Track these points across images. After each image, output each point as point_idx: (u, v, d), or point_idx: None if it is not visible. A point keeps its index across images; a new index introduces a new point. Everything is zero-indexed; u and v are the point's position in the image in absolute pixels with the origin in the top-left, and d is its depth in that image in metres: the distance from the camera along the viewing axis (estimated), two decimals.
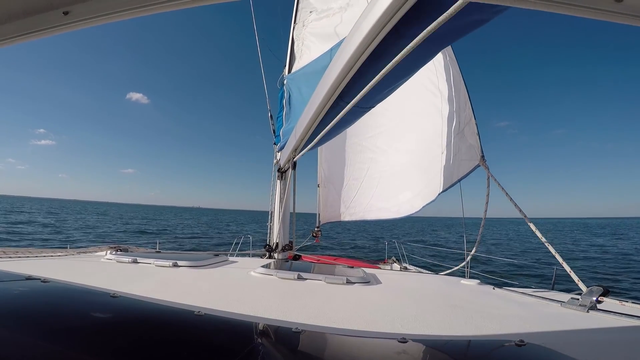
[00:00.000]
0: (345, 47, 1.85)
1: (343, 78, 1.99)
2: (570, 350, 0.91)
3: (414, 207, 5.46)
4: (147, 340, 0.75)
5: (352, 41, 1.74)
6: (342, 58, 1.87)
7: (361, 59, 1.78)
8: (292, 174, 3.74)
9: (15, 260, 2.11)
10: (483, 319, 1.29)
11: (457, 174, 4.53)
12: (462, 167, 4.41)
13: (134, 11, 0.84)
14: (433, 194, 4.99)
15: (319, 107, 2.39)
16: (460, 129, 4.47)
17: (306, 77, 3.70)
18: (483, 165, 3.93)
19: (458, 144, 4.49)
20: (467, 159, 4.31)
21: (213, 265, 2.24)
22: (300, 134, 2.95)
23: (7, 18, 0.85)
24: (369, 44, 1.65)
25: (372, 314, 1.29)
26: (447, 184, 4.73)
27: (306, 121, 2.70)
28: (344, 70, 1.91)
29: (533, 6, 0.85)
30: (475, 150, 4.12)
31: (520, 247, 22.22)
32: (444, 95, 4.76)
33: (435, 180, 4.90)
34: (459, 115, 4.55)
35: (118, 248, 2.79)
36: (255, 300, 1.39)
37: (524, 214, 2.95)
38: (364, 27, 1.60)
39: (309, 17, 4.09)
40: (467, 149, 4.33)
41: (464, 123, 4.45)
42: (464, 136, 4.40)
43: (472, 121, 4.34)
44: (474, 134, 4.24)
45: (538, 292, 1.96)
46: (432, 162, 4.99)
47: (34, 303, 0.95)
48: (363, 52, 1.73)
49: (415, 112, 5.38)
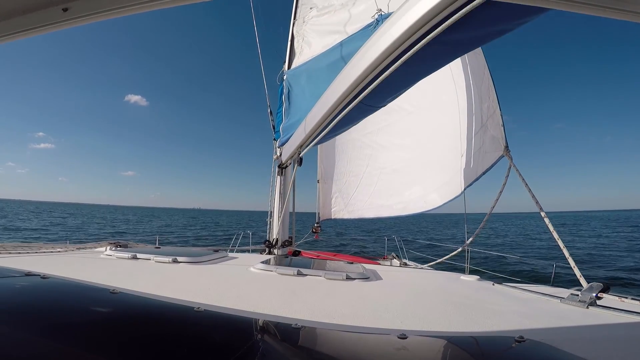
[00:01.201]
0: (370, 48, 1.87)
1: (364, 77, 2.01)
2: (569, 346, 0.91)
3: (429, 204, 5.38)
4: (146, 337, 0.75)
5: (379, 43, 1.78)
6: (367, 58, 1.89)
7: (387, 61, 1.81)
8: (295, 170, 3.74)
9: (14, 256, 2.11)
10: (482, 315, 1.30)
11: (481, 167, 4.46)
12: (486, 160, 4.35)
13: (132, 8, 0.83)
14: (456, 189, 4.91)
15: (334, 105, 2.40)
16: (483, 122, 4.40)
17: (308, 73, 3.69)
18: (507, 155, 3.85)
19: (482, 137, 4.42)
20: (490, 151, 4.24)
21: (213, 261, 2.25)
22: (310, 129, 2.94)
23: (7, 14, 0.84)
24: (398, 47, 1.69)
25: (372, 310, 1.29)
26: (470, 178, 4.65)
27: (317, 118, 2.70)
28: (367, 70, 1.94)
29: (534, 3, 0.84)
30: (500, 141, 4.04)
31: (523, 241, 22.24)
32: (461, 88, 4.68)
33: (457, 176, 4.81)
34: (481, 108, 4.47)
35: (117, 244, 2.79)
36: (255, 296, 1.39)
37: (540, 207, 3.01)
38: (394, 31, 1.64)
39: (309, 13, 4.07)
40: (490, 140, 4.26)
41: (487, 115, 4.37)
42: (487, 129, 4.33)
43: (496, 112, 4.24)
44: (499, 125, 4.15)
45: (538, 288, 1.97)
46: (451, 157, 4.91)
47: (33, 299, 0.95)
48: (390, 54, 1.76)
49: (425, 106, 5.31)
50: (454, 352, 0.85)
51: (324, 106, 2.53)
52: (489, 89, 4.42)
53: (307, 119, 3.01)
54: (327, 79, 3.01)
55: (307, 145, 3.26)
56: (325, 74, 3.27)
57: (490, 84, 4.42)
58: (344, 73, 2.25)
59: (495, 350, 0.85)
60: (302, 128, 3.15)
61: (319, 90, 3.09)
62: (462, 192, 4.81)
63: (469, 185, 4.71)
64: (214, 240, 19.91)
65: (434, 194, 5.32)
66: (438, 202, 5.25)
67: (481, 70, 4.51)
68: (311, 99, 3.33)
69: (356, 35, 3.05)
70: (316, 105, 2.77)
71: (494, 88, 4.38)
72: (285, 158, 4.01)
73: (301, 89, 3.76)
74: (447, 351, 0.86)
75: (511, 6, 1.21)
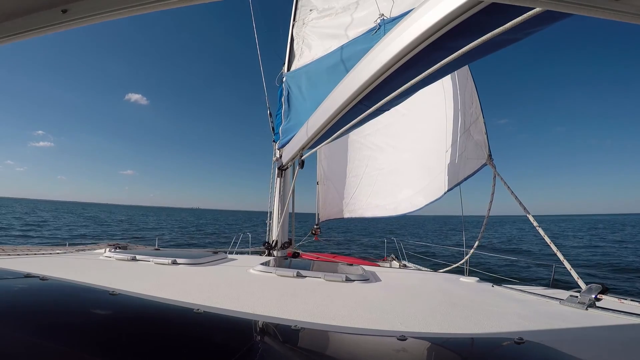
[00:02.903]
0: (379, 54, 1.89)
1: (371, 83, 2.03)
2: (569, 348, 0.91)
3: (414, 205, 5.44)
4: (146, 338, 0.75)
5: (388, 49, 1.79)
6: (375, 63, 1.91)
7: (394, 67, 1.83)
8: (295, 172, 3.73)
9: (14, 258, 2.11)
10: (482, 317, 1.29)
11: (463, 173, 4.51)
12: (468, 166, 4.38)
13: (132, 9, 0.83)
14: (437, 192, 4.96)
15: (338, 109, 2.41)
16: (466, 127, 4.43)
17: (308, 75, 3.69)
18: (490, 164, 3.89)
19: (464, 143, 4.45)
20: (473, 158, 4.28)
21: (212, 263, 2.24)
22: (312, 132, 2.94)
23: (6, 16, 0.85)
24: (407, 54, 1.71)
25: (372, 312, 1.29)
26: (452, 182, 4.69)
27: (321, 121, 2.70)
28: (374, 76, 1.96)
29: (533, 4, 0.85)
30: (483, 149, 4.08)
31: (521, 245, 22.22)
32: (448, 92, 4.71)
33: (440, 179, 4.86)
34: (464, 113, 4.50)
35: (117, 245, 2.79)
36: (255, 298, 1.39)
37: (527, 212, 3.00)
38: (403, 38, 1.66)
39: (309, 15, 4.07)
40: (473, 147, 4.29)
41: (470, 121, 4.40)
42: (470, 134, 4.35)
43: (479, 119, 4.28)
44: (482, 132, 4.18)
45: (537, 289, 1.97)
46: (435, 160, 4.96)
47: (32, 301, 0.95)
48: (398, 61, 1.78)
49: (416, 110, 5.35)
50: (454, 353, 0.85)
51: (328, 110, 2.54)
52: (472, 95, 4.46)
53: (309, 122, 3.01)
54: (328, 82, 3.00)
55: (311, 148, 3.26)
56: (325, 77, 3.28)
57: (473, 90, 4.46)
58: (349, 77, 2.26)
59: (495, 351, 0.85)
60: (303, 131, 3.15)
61: (319, 93, 3.08)
62: (442, 196, 4.89)
63: (449, 190, 4.77)
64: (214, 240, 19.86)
65: (419, 196, 5.39)
66: (423, 203, 5.30)
67: (464, 76, 4.55)
68: (311, 102, 3.33)
69: (358, 39, 3.06)
70: (319, 108, 2.77)
71: (477, 94, 4.43)
72: (286, 160, 4.01)
73: (301, 91, 3.76)
74: (446, 353, 0.86)
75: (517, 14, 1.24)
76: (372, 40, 2.66)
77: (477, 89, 4.45)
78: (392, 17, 2.70)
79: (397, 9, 2.71)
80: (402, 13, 2.57)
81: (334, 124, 2.61)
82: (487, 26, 1.38)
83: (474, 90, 4.47)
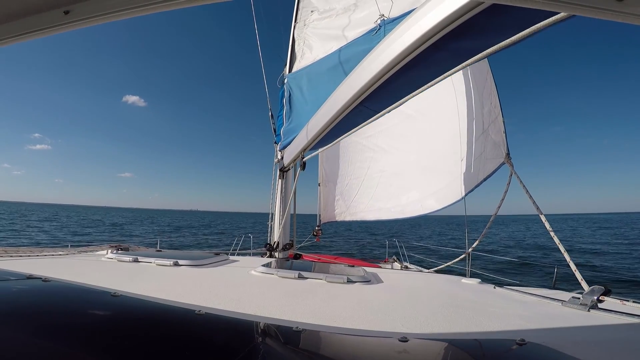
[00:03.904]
0: (380, 55, 1.88)
1: (372, 84, 2.02)
2: (571, 350, 0.91)
3: (425, 208, 5.37)
4: (148, 340, 0.75)
5: (389, 50, 1.78)
6: (376, 64, 1.90)
7: (395, 68, 1.82)
8: (297, 173, 3.73)
9: (16, 259, 2.11)
10: (484, 318, 1.29)
11: (482, 174, 4.46)
12: (487, 166, 4.34)
13: (134, 10, 0.84)
14: (455, 194, 4.89)
15: (340, 110, 2.40)
16: (485, 128, 4.37)
17: (309, 77, 3.69)
18: (508, 163, 3.87)
19: (483, 143, 4.39)
20: (491, 158, 4.23)
21: (214, 265, 2.24)
22: (313, 134, 2.94)
23: (7, 17, 0.85)
24: (408, 54, 1.69)
25: (373, 313, 1.29)
26: (472, 184, 4.63)
27: (322, 123, 2.69)
28: (375, 77, 1.94)
29: (535, 5, 0.84)
30: (501, 148, 4.04)
31: (524, 245, 22.13)
32: (460, 92, 4.64)
33: (457, 181, 4.79)
34: (482, 113, 4.44)
35: (119, 247, 2.79)
36: (256, 300, 1.39)
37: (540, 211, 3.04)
38: (405, 38, 1.64)
39: (310, 16, 4.07)
40: (492, 147, 4.24)
41: (488, 121, 4.34)
42: (488, 135, 4.30)
43: (498, 118, 4.22)
44: (500, 131, 4.13)
45: (539, 291, 1.96)
46: (448, 162, 4.90)
47: (34, 302, 0.95)
48: (399, 62, 1.76)
49: (423, 111, 5.29)
50: (455, 354, 0.85)
51: (329, 111, 2.54)
52: (491, 94, 4.38)
53: (310, 124, 3.01)
54: (329, 84, 2.99)
55: (312, 150, 3.26)
56: (326, 78, 3.27)
57: (493, 89, 4.38)
58: (350, 79, 2.25)
59: (497, 353, 0.85)
60: (304, 132, 3.15)
61: (320, 95, 3.08)
62: (463, 198, 4.80)
63: (470, 191, 4.69)
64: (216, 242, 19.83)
65: (430, 198, 5.32)
66: (436, 207, 5.24)
67: (483, 75, 4.48)
68: (312, 103, 3.33)
69: (358, 40, 3.06)
70: (320, 110, 2.77)
71: (496, 93, 4.35)
72: (287, 162, 4.01)
73: (302, 92, 3.76)
74: (448, 354, 0.86)
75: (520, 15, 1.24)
76: (373, 40, 2.65)
77: (497, 88, 4.35)
78: (392, 18, 2.70)
79: (397, 9, 2.71)
80: (402, 13, 2.57)
81: (336, 125, 2.60)
82: (488, 27, 1.38)
83: (494, 88, 4.37)
